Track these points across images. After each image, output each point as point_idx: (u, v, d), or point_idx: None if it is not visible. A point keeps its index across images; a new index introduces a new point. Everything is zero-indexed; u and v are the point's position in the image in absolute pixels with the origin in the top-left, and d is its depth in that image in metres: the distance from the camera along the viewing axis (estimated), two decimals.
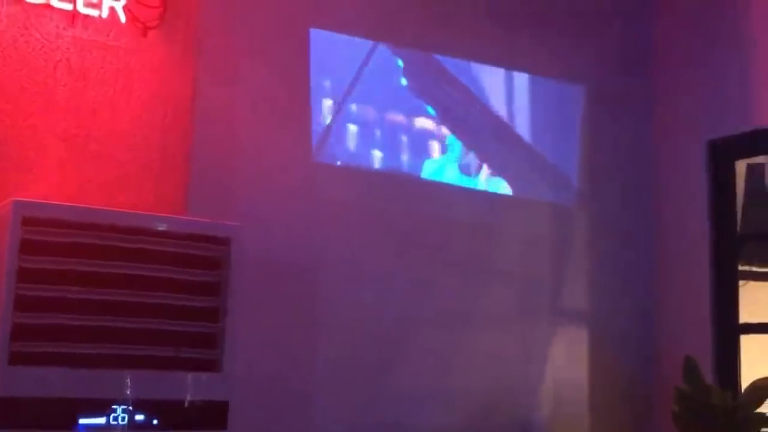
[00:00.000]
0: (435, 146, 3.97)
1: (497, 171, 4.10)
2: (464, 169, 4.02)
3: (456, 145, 4.01)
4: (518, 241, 4.05)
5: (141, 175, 3.18)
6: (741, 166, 4.14)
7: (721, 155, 4.13)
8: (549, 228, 4.16)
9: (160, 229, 2.82)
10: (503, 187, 4.10)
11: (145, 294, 2.76)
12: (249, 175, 3.45)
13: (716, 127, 4.14)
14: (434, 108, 3.98)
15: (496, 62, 4.13)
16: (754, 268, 4.45)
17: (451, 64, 4.04)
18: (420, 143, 3.93)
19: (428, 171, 3.93)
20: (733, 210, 4.09)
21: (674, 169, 4.31)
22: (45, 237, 2.64)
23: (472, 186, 4.02)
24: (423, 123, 3.94)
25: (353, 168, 3.77)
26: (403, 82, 3.95)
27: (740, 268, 4.14)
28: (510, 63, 4.15)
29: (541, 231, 4.13)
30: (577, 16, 4.32)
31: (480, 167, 4.06)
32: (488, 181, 4.07)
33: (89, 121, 3.11)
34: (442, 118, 3.99)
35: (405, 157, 3.90)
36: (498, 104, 4.14)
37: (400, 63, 3.96)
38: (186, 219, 3.01)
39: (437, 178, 3.94)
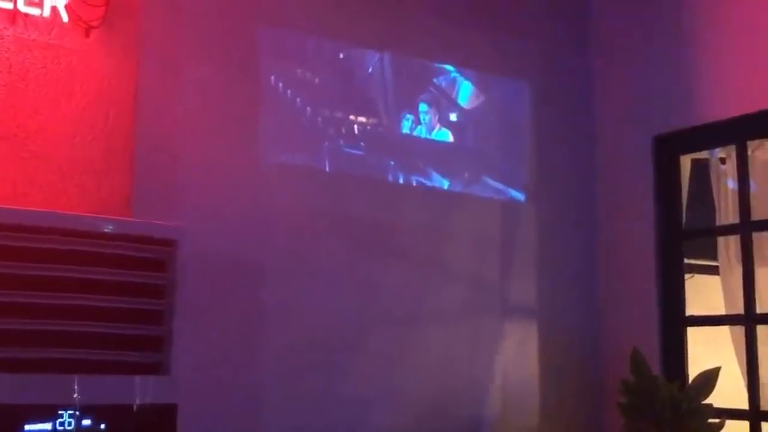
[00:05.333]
0: (384, 144, 3.96)
1: (445, 168, 4.11)
2: (413, 167, 4.02)
3: (405, 143, 4.01)
4: (466, 238, 4.06)
5: (83, 177, 3.13)
6: (686, 161, 4.19)
7: (666, 150, 4.18)
8: (495, 225, 4.17)
9: (104, 231, 2.78)
10: (451, 185, 4.11)
11: (90, 297, 2.72)
12: (195, 176, 3.42)
13: (661, 122, 4.19)
14: (384, 106, 3.98)
15: (441, 59, 4.14)
16: (700, 261, 4.52)
17: (399, 61, 4.04)
18: (369, 142, 3.92)
19: (377, 169, 3.92)
20: (679, 204, 4.14)
21: (619, 164, 4.35)
22: None
23: (420, 184, 4.02)
24: (372, 122, 3.93)
25: (301, 168, 3.75)
26: (354, 80, 3.93)
27: (686, 261, 4.20)
28: (454, 60, 4.16)
29: (488, 228, 4.15)
30: (518, 12, 4.35)
31: (428, 164, 4.05)
32: (436, 179, 4.07)
33: (30, 122, 3.06)
34: (393, 116, 3.99)
35: (353, 157, 3.88)
36: (444, 101, 4.14)
37: (350, 61, 3.94)
38: (130, 220, 2.97)
39: (385, 177, 3.94)
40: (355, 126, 3.90)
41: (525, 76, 4.36)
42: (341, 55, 3.92)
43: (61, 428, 2.63)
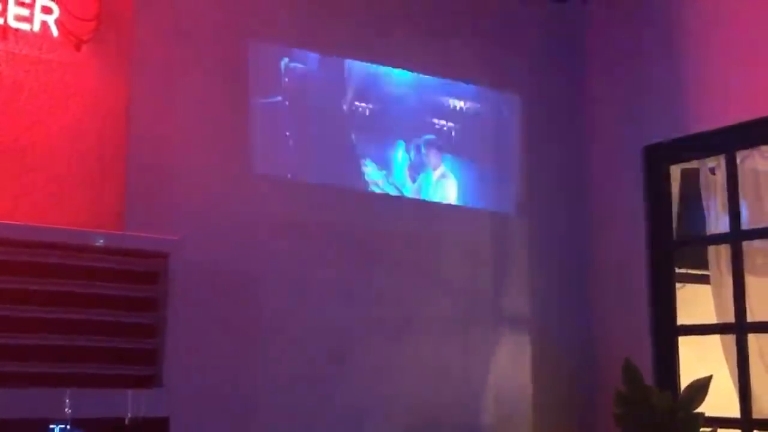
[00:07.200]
0: (376, 157, 3.97)
1: (438, 180, 4.12)
2: (405, 179, 4.03)
3: (396, 156, 4.02)
4: (458, 249, 4.07)
5: (77, 190, 3.14)
6: (675, 171, 4.21)
7: (657, 160, 4.20)
8: (488, 236, 4.19)
9: (97, 244, 2.79)
10: (444, 196, 4.12)
11: (82, 311, 2.73)
12: (187, 188, 3.42)
13: (651, 132, 4.21)
14: (374, 119, 3.99)
15: (433, 72, 4.15)
16: (691, 271, 4.53)
17: (389, 74, 4.05)
18: (361, 154, 3.93)
19: (369, 182, 3.93)
20: (669, 214, 4.16)
21: (610, 175, 4.37)
22: None
23: (413, 196, 4.03)
24: (363, 134, 3.94)
25: (293, 179, 3.76)
26: (343, 92, 3.94)
27: (677, 271, 4.21)
28: (447, 73, 4.18)
29: (481, 239, 4.16)
30: (510, 27, 4.38)
31: (420, 177, 4.07)
32: (429, 191, 4.08)
33: (23, 136, 3.06)
34: (383, 128, 4.00)
35: (346, 169, 3.89)
36: (436, 114, 4.16)
37: (340, 74, 3.95)
38: (122, 234, 2.98)
39: (378, 189, 3.95)
40: (346, 138, 3.90)
41: (516, 89, 4.37)
42: (331, 69, 3.93)
43: None
